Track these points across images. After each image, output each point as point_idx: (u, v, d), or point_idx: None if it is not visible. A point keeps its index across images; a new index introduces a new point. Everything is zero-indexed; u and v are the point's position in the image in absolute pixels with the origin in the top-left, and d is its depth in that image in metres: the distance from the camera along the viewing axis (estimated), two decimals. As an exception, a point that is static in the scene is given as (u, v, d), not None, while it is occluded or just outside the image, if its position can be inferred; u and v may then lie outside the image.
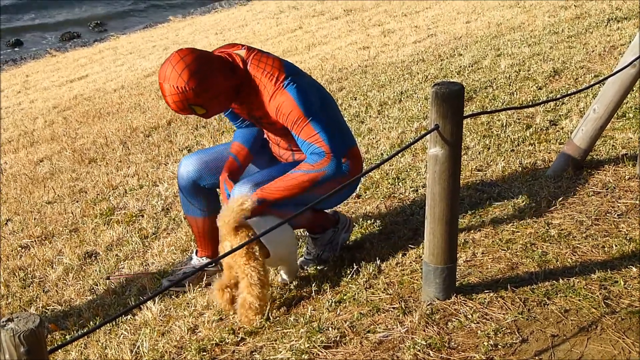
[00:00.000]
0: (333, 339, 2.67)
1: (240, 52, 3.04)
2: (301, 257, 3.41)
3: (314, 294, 3.08)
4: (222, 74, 2.92)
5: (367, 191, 4.07)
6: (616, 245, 3.05)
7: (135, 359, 2.92)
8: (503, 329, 2.58)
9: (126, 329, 3.16)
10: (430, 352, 2.51)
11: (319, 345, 2.64)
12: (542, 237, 3.20)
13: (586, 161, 3.88)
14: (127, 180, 5.18)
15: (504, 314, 2.66)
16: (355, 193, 4.00)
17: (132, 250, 4.01)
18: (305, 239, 3.48)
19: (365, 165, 4.36)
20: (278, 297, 3.15)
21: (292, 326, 2.83)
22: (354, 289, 3.02)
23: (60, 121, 8.03)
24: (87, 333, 1.82)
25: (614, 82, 3.63)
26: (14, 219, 4.91)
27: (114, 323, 3.23)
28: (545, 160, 4.09)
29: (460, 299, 2.77)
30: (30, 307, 3.65)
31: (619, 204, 3.43)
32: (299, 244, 3.51)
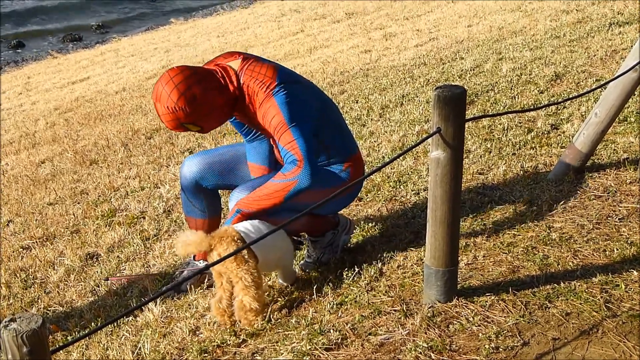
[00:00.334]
0: (334, 341, 2.67)
1: (235, 63, 3.03)
2: (302, 260, 3.42)
3: (315, 296, 3.08)
4: (213, 91, 2.93)
5: (369, 194, 4.07)
6: (617, 249, 3.06)
7: (136, 360, 2.93)
8: (504, 331, 2.58)
9: (128, 330, 3.16)
10: (432, 354, 2.51)
11: (320, 347, 2.64)
12: (544, 240, 3.20)
13: (587, 165, 3.88)
14: (129, 182, 5.18)
15: (505, 317, 2.66)
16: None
17: (133, 252, 4.02)
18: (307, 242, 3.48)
19: (366, 169, 4.36)
20: (279, 299, 3.15)
21: (293, 328, 2.83)
22: (355, 291, 3.02)
23: (61, 123, 8.03)
24: (89, 334, 1.82)
25: (615, 86, 3.64)
26: (15, 220, 4.92)
27: (115, 324, 3.23)
28: (547, 164, 4.10)
29: (462, 301, 2.77)
30: (32, 308, 3.65)
31: (620, 208, 3.44)
32: (302, 247, 3.51)
